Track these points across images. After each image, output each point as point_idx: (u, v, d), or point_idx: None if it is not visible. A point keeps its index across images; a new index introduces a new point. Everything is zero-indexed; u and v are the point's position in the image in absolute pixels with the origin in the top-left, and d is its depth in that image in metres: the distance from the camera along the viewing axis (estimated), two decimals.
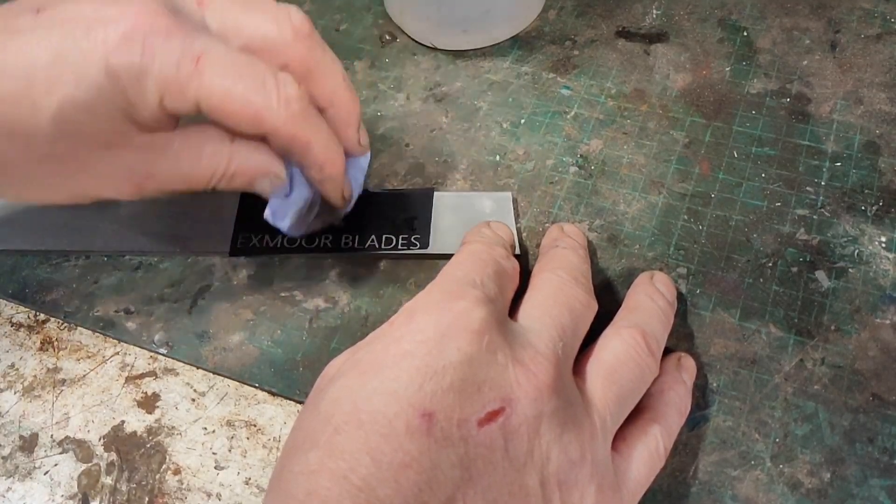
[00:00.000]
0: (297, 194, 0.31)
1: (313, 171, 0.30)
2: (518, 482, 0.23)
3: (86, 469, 0.30)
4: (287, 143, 0.28)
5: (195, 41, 0.26)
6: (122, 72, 0.25)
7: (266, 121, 0.27)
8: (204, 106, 0.26)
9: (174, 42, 0.26)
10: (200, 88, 0.26)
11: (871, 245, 0.33)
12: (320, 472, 0.21)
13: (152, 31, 0.25)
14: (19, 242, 0.36)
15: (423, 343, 0.23)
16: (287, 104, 0.27)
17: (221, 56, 0.26)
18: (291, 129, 0.28)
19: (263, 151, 0.29)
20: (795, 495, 0.28)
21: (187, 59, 0.26)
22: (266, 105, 0.27)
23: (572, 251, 0.30)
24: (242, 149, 0.28)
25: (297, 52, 0.29)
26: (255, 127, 0.27)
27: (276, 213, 0.31)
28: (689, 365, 0.30)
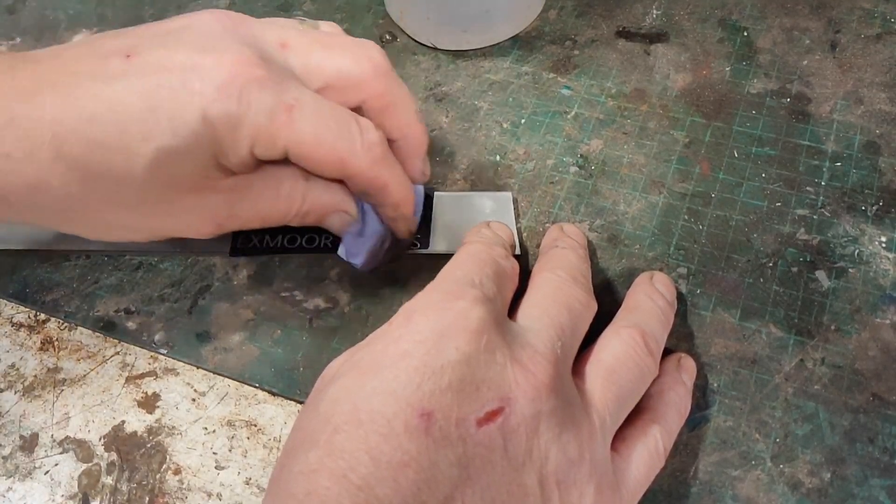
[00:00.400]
0: (370, 231, 0.32)
1: (388, 210, 0.31)
2: (516, 481, 0.23)
3: (86, 469, 0.30)
4: (367, 186, 0.29)
5: (287, 91, 0.27)
6: (218, 122, 0.26)
7: (350, 166, 0.28)
8: (292, 153, 0.27)
9: (268, 92, 0.26)
10: (291, 137, 0.27)
11: (871, 245, 0.33)
12: (320, 471, 0.21)
13: (248, 82, 0.26)
14: (19, 242, 0.36)
15: (421, 343, 0.23)
16: (369, 150, 0.28)
17: (310, 105, 0.27)
18: (372, 173, 0.29)
19: (336, 190, 0.30)
20: (796, 495, 0.28)
21: (280, 109, 0.26)
22: (351, 152, 0.28)
23: (572, 251, 0.30)
24: (317, 187, 0.30)
25: (375, 88, 0.29)
26: (339, 172, 0.29)
27: (350, 251, 0.32)
28: (689, 366, 0.30)
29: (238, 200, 0.29)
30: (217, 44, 0.27)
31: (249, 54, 0.26)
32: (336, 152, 0.28)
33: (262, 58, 0.27)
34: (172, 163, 0.26)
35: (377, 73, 0.29)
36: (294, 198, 0.29)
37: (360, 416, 0.22)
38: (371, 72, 0.29)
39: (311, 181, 0.29)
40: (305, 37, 0.29)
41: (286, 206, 0.29)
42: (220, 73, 0.26)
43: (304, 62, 0.29)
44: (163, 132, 0.26)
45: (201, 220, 0.29)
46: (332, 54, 0.29)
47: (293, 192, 0.29)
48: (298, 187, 0.29)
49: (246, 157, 0.27)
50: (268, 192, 0.29)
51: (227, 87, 0.26)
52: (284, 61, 0.28)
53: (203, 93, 0.26)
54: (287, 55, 0.29)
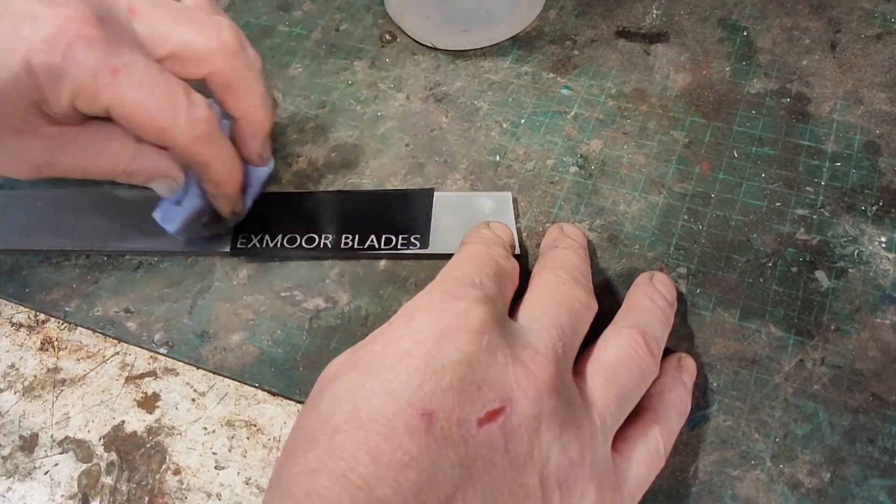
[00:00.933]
0: (188, 203, 0.32)
1: (209, 187, 0.32)
2: (518, 482, 0.23)
3: (86, 469, 0.30)
4: (187, 160, 0.30)
5: (117, 54, 0.27)
6: (40, 70, 0.26)
7: (170, 137, 0.29)
8: (113, 114, 0.28)
9: (95, 51, 0.27)
10: (113, 98, 0.27)
11: (871, 245, 0.33)
12: (320, 471, 0.21)
13: (77, 38, 0.26)
14: (19, 242, 0.36)
15: (422, 343, 0.23)
16: (192, 125, 0.29)
17: (139, 71, 0.28)
18: (193, 148, 0.30)
19: (165, 156, 0.31)
20: (795, 495, 0.28)
21: (105, 70, 0.27)
22: (172, 123, 0.29)
23: (572, 251, 0.30)
24: (146, 150, 0.30)
25: (219, 65, 0.30)
26: (158, 140, 0.29)
27: (165, 216, 0.33)
28: (690, 366, 0.30)
29: (59, 149, 0.29)
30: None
31: (87, 13, 0.27)
32: (156, 121, 0.28)
33: (100, 17, 0.27)
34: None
35: (223, 52, 0.30)
36: (121, 157, 0.30)
37: (360, 416, 0.22)
38: (216, 49, 0.30)
39: (142, 144, 0.30)
40: (155, 5, 0.30)
41: (112, 163, 0.30)
42: (51, 26, 0.26)
43: (149, 29, 0.29)
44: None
45: (19, 162, 0.29)
46: (179, 26, 0.30)
47: (120, 152, 0.30)
48: (128, 147, 0.30)
49: (67, 109, 0.27)
50: (93, 147, 0.29)
51: (53, 40, 0.26)
52: (129, 25, 0.29)
53: (30, 41, 0.26)
54: (133, 20, 0.29)
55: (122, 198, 0.37)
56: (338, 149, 0.39)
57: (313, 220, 0.36)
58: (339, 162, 0.38)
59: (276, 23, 0.45)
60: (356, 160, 0.38)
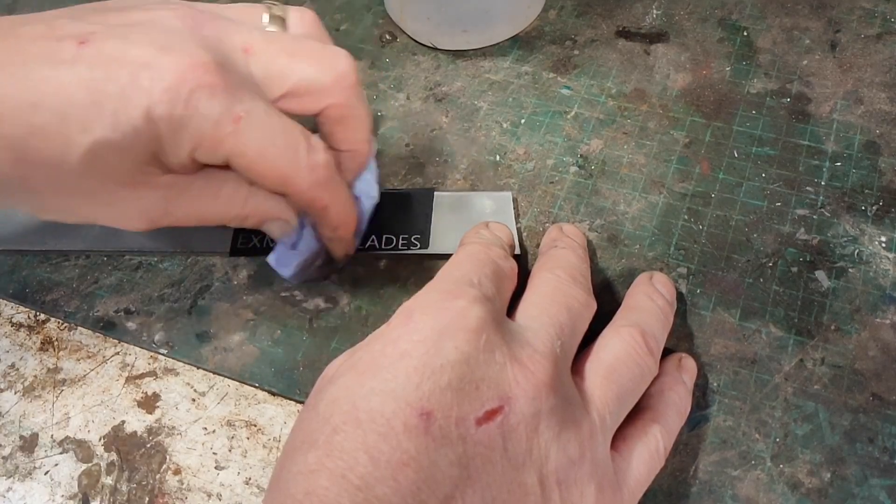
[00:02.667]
0: (304, 246, 0.32)
1: (326, 231, 0.31)
2: (517, 481, 0.23)
3: (86, 469, 0.30)
4: (307, 205, 0.29)
5: (238, 101, 0.26)
6: (161, 122, 0.25)
7: (291, 184, 0.28)
8: (234, 163, 0.27)
9: (217, 100, 0.26)
10: (234, 147, 0.26)
11: (871, 245, 0.33)
12: (319, 471, 0.21)
13: (198, 87, 0.25)
14: (19, 242, 0.36)
15: (420, 343, 0.23)
16: (313, 171, 0.28)
17: (260, 118, 0.27)
18: (313, 194, 0.29)
19: (278, 199, 0.30)
20: (796, 495, 0.28)
21: (226, 119, 0.26)
22: (294, 171, 0.28)
23: (571, 251, 0.30)
24: (259, 194, 0.29)
25: (336, 98, 0.29)
26: (279, 188, 0.28)
27: (280, 261, 0.32)
28: (690, 366, 0.30)
29: (175, 199, 0.28)
30: (175, 43, 0.26)
31: (206, 59, 0.26)
32: (278, 169, 0.27)
33: (219, 63, 0.26)
34: (110, 156, 0.26)
35: (341, 85, 0.29)
36: (234, 202, 0.29)
37: (359, 416, 0.22)
38: (334, 82, 0.29)
39: (254, 187, 0.29)
40: (271, 42, 0.28)
41: (225, 208, 0.29)
42: (171, 75, 0.25)
43: (266, 68, 0.28)
44: (103, 125, 0.25)
45: (135, 214, 0.29)
46: (296, 61, 0.28)
47: (234, 197, 0.29)
48: (240, 192, 0.29)
49: (186, 159, 0.27)
50: (207, 194, 0.29)
51: (175, 90, 0.25)
52: (245, 67, 0.28)
53: (150, 91, 0.25)
54: (249, 60, 0.28)
55: None
56: None
57: None
58: None
59: None
60: None
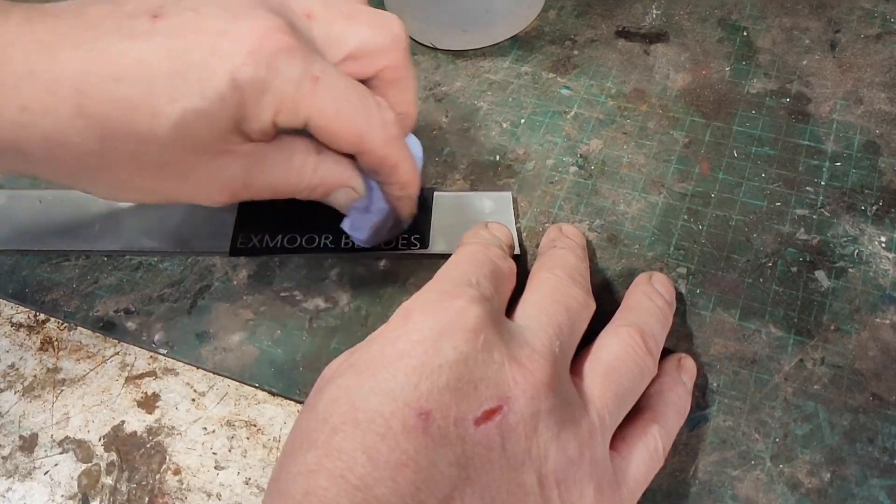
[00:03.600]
0: (376, 207, 0.32)
1: (395, 189, 0.31)
2: (516, 480, 0.23)
3: (86, 469, 0.30)
4: (378, 163, 0.30)
5: (314, 62, 0.27)
6: (246, 86, 0.26)
7: (366, 142, 0.29)
8: (313, 124, 0.27)
9: (296, 61, 0.26)
10: (314, 108, 0.27)
11: (871, 245, 0.33)
12: (318, 472, 0.21)
13: (278, 49, 0.26)
14: (19, 242, 0.36)
15: (419, 342, 0.23)
16: (385, 128, 0.29)
17: (334, 78, 0.27)
18: (385, 151, 0.29)
19: (346, 166, 0.30)
20: (795, 495, 0.28)
21: (306, 79, 0.26)
22: (368, 128, 0.28)
23: (570, 251, 0.30)
24: (327, 161, 0.30)
25: (392, 59, 0.30)
26: (354, 147, 0.29)
27: (355, 225, 0.32)
28: (690, 366, 0.30)
29: (254, 168, 0.29)
30: (247, 11, 0.27)
31: (280, 22, 0.26)
32: (355, 127, 0.28)
33: (291, 26, 0.27)
34: (197, 125, 0.26)
35: (396, 46, 0.30)
36: (305, 170, 0.29)
37: (358, 416, 0.22)
38: (391, 44, 0.30)
39: (323, 154, 0.30)
40: (329, 7, 0.29)
41: (297, 177, 0.30)
42: (251, 39, 0.26)
43: (327, 33, 0.29)
44: (191, 94, 0.25)
45: (217, 186, 0.29)
46: (353, 25, 0.29)
47: (305, 164, 0.29)
48: (310, 160, 0.29)
49: (267, 124, 0.27)
50: (281, 163, 0.29)
51: (257, 53, 0.26)
52: (309, 32, 0.28)
53: (233, 57, 0.25)
54: (312, 25, 0.29)
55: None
56: None
57: (313, 220, 0.36)
58: None
59: None
60: None
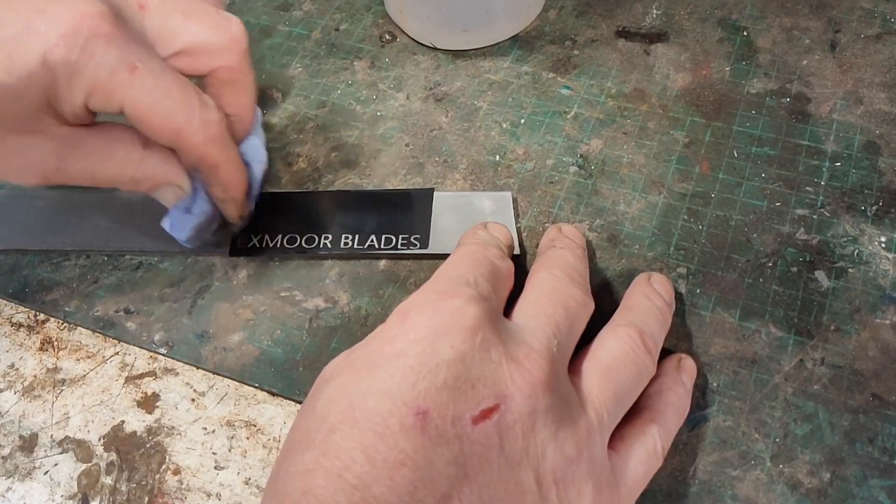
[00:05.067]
0: (198, 209, 0.32)
1: (217, 191, 0.31)
2: (514, 479, 0.23)
3: (86, 469, 0.30)
4: (198, 161, 0.30)
5: (133, 52, 0.27)
6: (56, 67, 0.26)
7: (184, 138, 0.29)
8: (128, 112, 0.27)
9: (113, 49, 0.26)
10: (128, 96, 0.27)
11: (871, 245, 0.33)
12: (315, 471, 0.21)
13: (94, 35, 0.26)
14: (19, 242, 0.36)
15: (416, 342, 0.23)
16: (206, 126, 0.29)
17: (155, 70, 0.27)
18: (204, 150, 0.29)
19: (172, 162, 0.30)
20: (795, 495, 0.28)
21: (122, 67, 0.26)
22: (187, 124, 0.28)
23: (569, 251, 0.30)
24: (153, 157, 0.30)
25: (227, 60, 0.30)
26: (171, 142, 0.29)
27: (175, 225, 0.32)
28: (689, 366, 0.30)
29: (68, 153, 0.29)
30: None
31: (102, 9, 0.26)
32: (172, 121, 0.28)
33: (115, 15, 0.27)
34: (3, 100, 0.26)
35: (233, 48, 0.30)
36: (128, 162, 0.29)
37: (356, 415, 0.22)
38: (227, 44, 0.30)
39: (149, 150, 0.29)
40: (166, 2, 0.29)
41: (119, 168, 0.29)
42: (68, 21, 0.26)
43: (160, 26, 0.29)
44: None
45: (28, 166, 0.29)
46: (189, 21, 0.29)
47: (128, 157, 0.29)
48: (134, 153, 0.29)
49: (80, 107, 0.27)
50: (101, 151, 0.29)
51: (71, 36, 0.26)
52: (139, 22, 0.28)
53: (47, 36, 0.26)
54: (144, 17, 0.29)
55: (122, 198, 0.37)
56: (338, 149, 0.39)
57: (313, 220, 0.36)
58: (338, 162, 0.38)
59: (276, 23, 0.45)
60: (356, 160, 0.38)
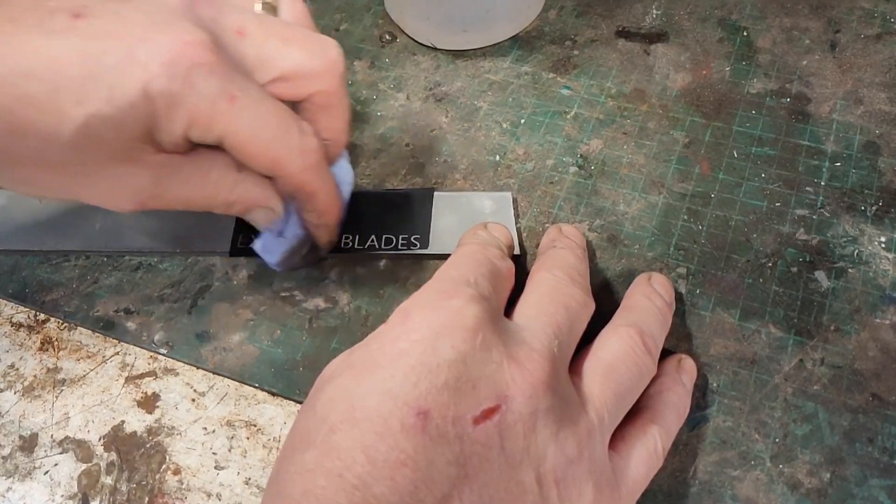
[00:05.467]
0: (290, 233, 0.32)
1: (313, 217, 0.31)
2: (514, 479, 0.23)
3: (86, 469, 0.30)
4: (296, 189, 0.29)
5: (233, 81, 0.26)
6: (158, 98, 0.25)
7: (283, 167, 0.28)
8: (227, 143, 0.27)
9: (214, 78, 0.26)
10: (229, 127, 0.26)
11: (871, 245, 0.33)
12: (316, 471, 0.21)
13: (196, 64, 0.25)
14: (19, 242, 0.36)
15: (417, 342, 0.23)
16: (304, 154, 0.28)
17: (254, 99, 0.27)
18: (303, 177, 0.29)
19: (265, 186, 0.30)
20: (795, 495, 0.28)
21: (223, 97, 0.26)
22: (286, 153, 0.28)
23: (570, 251, 0.30)
24: (247, 180, 0.29)
25: (325, 85, 0.29)
26: (270, 171, 0.28)
27: (266, 248, 0.32)
28: (690, 367, 0.30)
29: (165, 179, 0.28)
30: (172, 20, 0.26)
31: (203, 37, 0.26)
32: (271, 151, 0.28)
33: (215, 43, 0.26)
34: (103, 130, 0.25)
35: (331, 72, 0.29)
36: (222, 186, 0.29)
37: (356, 415, 0.22)
38: (325, 69, 0.29)
39: (243, 173, 0.29)
40: (264, 26, 0.29)
41: (213, 192, 0.29)
42: (169, 50, 0.25)
43: (258, 52, 0.28)
44: (99, 98, 0.25)
45: (123, 193, 0.28)
46: (289, 46, 0.29)
47: (222, 181, 0.29)
48: (229, 177, 0.29)
49: (179, 137, 0.27)
50: (196, 177, 0.29)
51: (173, 66, 0.25)
52: (238, 49, 0.28)
53: (148, 66, 0.25)
54: (243, 43, 0.28)
55: None
56: None
57: None
58: None
59: None
60: (356, 160, 0.38)
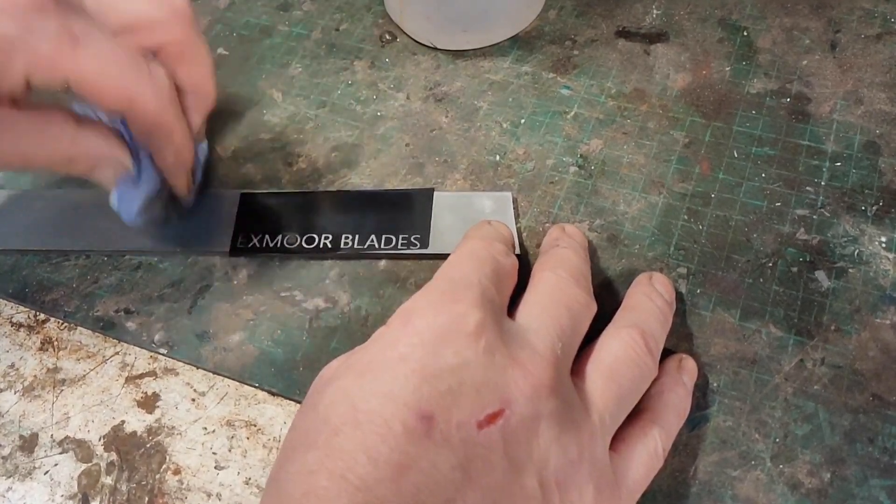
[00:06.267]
0: (145, 182, 0.31)
1: (168, 156, 0.30)
2: (517, 483, 0.23)
3: (86, 469, 0.30)
4: (151, 128, 0.29)
5: (74, 22, 0.26)
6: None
7: (137, 103, 0.27)
8: (75, 84, 0.26)
9: (52, 21, 0.25)
10: (74, 68, 0.26)
11: (871, 245, 0.33)
12: (318, 472, 0.21)
13: (31, 8, 0.25)
14: (19, 242, 0.36)
15: (419, 346, 0.23)
16: (159, 91, 0.28)
17: (99, 39, 0.26)
18: (159, 115, 0.28)
19: (109, 137, 0.29)
20: (795, 495, 0.28)
21: (64, 39, 0.25)
22: (139, 89, 0.27)
23: (572, 251, 0.30)
24: (88, 133, 0.29)
25: (173, 34, 0.29)
26: (126, 110, 0.28)
27: (123, 198, 0.31)
28: (690, 367, 0.30)
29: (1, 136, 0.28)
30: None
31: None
32: (123, 87, 0.27)
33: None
34: None
35: (177, 20, 0.29)
36: (62, 140, 0.28)
37: (359, 417, 0.22)
38: (171, 17, 0.29)
39: (83, 127, 0.29)
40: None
41: (53, 147, 0.28)
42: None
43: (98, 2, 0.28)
44: None
45: None
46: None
47: (60, 137, 0.28)
48: (67, 132, 0.28)
49: (19, 85, 0.26)
50: (33, 132, 0.28)
51: (8, 10, 0.25)
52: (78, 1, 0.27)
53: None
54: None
55: None
56: (338, 149, 0.39)
57: (313, 220, 0.36)
58: (339, 162, 0.38)
59: (275, 22, 0.45)
60: (356, 160, 0.38)
